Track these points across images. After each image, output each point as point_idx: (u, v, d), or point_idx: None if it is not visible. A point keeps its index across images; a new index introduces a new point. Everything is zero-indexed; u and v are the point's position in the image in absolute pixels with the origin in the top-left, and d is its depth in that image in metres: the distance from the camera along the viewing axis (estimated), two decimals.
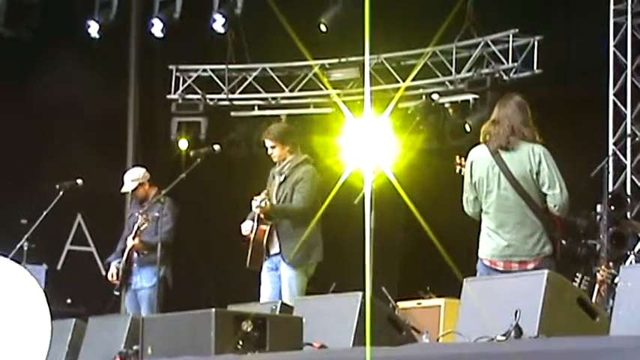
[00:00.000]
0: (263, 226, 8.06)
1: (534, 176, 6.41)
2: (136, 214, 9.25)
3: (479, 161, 6.57)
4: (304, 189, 8.10)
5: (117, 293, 9.30)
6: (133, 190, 9.22)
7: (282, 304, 6.36)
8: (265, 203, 7.85)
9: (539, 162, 6.40)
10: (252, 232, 8.10)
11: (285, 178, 8.18)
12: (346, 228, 10.97)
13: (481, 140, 6.62)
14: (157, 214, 8.81)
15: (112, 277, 9.14)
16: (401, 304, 8.88)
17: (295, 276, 8.00)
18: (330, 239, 11.90)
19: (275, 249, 8.08)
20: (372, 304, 5.37)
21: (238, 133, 12.70)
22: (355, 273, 7.86)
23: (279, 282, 8.06)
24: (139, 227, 8.88)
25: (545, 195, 6.42)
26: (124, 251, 9.14)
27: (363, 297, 5.48)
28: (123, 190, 9.28)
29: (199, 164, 8.54)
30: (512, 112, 6.49)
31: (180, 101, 12.96)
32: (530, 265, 6.39)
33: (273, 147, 8.25)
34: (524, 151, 6.43)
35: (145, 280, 9.03)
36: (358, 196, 7.71)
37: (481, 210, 6.60)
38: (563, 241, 6.63)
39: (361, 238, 6.10)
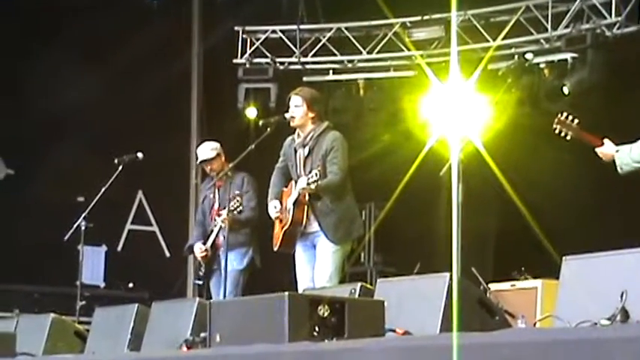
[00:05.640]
0: (299, 208, 8.09)
1: None
2: (211, 196, 9.28)
3: None
4: (337, 159, 8.08)
5: (199, 282, 9.29)
6: (211, 159, 9.23)
7: (362, 286, 6.36)
8: (317, 184, 7.85)
9: None
10: (286, 215, 8.15)
11: (310, 151, 8.18)
12: (432, 202, 10.95)
13: None
14: (237, 192, 8.87)
15: (204, 252, 9.13)
16: (493, 286, 8.85)
17: (336, 250, 8.08)
18: (414, 214, 11.93)
19: (312, 227, 8.13)
20: (460, 286, 5.35)
21: None
22: (442, 252, 7.82)
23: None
24: (234, 209, 8.84)
25: None
26: (204, 235, 9.19)
27: (451, 278, 5.46)
28: (200, 158, 9.27)
29: (269, 134, 8.57)
30: None
31: (247, 66, 13.00)
32: None
33: (297, 106, 8.23)
34: None
35: (236, 262, 9.03)
36: (444, 168, 7.68)
37: None
38: None
39: (449, 213, 6.06)
